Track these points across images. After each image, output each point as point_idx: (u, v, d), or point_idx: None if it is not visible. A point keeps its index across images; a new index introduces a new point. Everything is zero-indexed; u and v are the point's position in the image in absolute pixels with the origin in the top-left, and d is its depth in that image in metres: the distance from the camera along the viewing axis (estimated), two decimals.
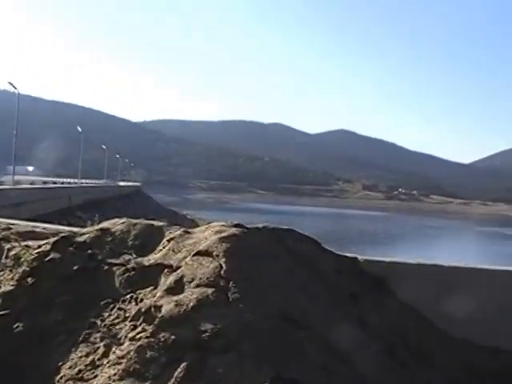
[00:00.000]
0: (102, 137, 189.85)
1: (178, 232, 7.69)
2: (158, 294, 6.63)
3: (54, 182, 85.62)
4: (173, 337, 6.02)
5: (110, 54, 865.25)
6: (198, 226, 8.34)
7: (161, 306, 6.36)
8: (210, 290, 6.36)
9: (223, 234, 7.08)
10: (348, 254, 8.18)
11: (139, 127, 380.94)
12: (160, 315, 6.25)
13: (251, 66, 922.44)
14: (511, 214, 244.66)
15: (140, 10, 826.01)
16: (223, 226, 7.46)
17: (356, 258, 8.11)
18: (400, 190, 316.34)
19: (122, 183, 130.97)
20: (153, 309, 6.40)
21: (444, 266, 8.17)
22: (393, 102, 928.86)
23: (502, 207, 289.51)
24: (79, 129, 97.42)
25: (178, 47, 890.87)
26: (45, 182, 78.82)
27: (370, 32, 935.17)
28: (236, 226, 7.45)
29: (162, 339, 6.04)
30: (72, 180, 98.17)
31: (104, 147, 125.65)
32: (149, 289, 6.96)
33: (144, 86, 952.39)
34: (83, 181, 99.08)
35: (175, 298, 6.39)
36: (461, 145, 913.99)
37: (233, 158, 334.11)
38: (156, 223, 8.23)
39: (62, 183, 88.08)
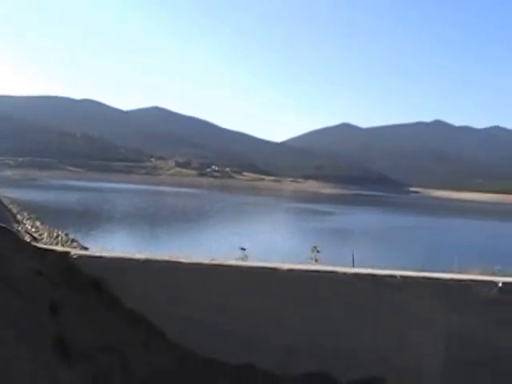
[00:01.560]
0: None
1: None
2: None
3: None
4: None
5: None
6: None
7: None
8: None
9: None
10: (58, 248, 6.15)
11: None
12: None
13: (66, 39, 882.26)
14: (321, 190, 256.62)
15: None
16: None
17: (68, 252, 6.06)
18: (213, 167, 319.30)
19: None
20: None
21: (183, 263, 6.22)
22: (206, 79, 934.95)
23: (313, 184, 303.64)
24: None
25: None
26: None
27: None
28: None
29: None
30: None
31: None
32: None
33: None
34: None
35: None
36: (273, 124, 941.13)
37: (43, 135, 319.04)
38: None
39: None
